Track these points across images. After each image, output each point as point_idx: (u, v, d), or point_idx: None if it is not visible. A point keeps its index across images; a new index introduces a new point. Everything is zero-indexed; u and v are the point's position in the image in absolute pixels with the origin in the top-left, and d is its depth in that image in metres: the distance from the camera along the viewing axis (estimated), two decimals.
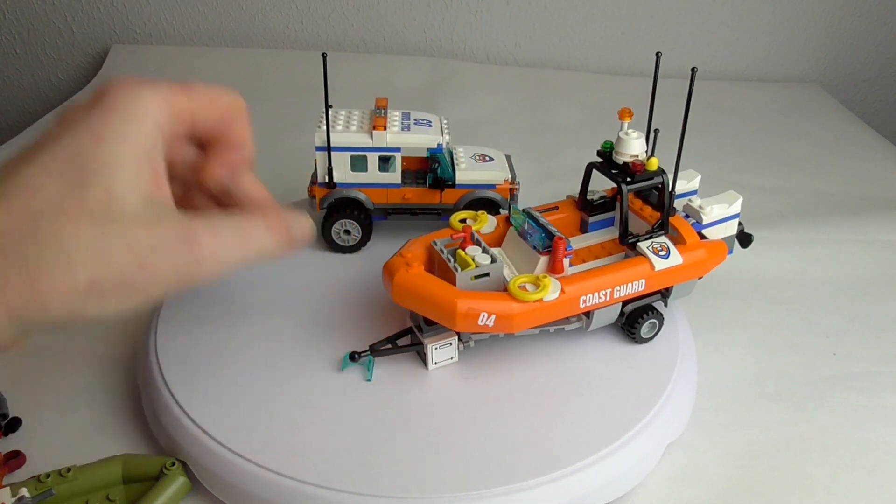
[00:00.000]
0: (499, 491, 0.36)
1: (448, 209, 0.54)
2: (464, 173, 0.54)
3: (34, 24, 1.09)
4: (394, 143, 0.52)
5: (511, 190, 0.55)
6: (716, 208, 0.47)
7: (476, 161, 0.55)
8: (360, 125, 0.53)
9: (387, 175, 0.53)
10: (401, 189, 0.54)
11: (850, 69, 1.12)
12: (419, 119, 0.55)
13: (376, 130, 0.51)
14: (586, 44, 1.08)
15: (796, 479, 0.41)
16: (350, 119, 0.53)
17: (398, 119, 0.54)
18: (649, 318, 0.45)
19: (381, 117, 0.53)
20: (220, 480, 0.38)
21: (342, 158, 0.52)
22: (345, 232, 0.54)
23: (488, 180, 0.54)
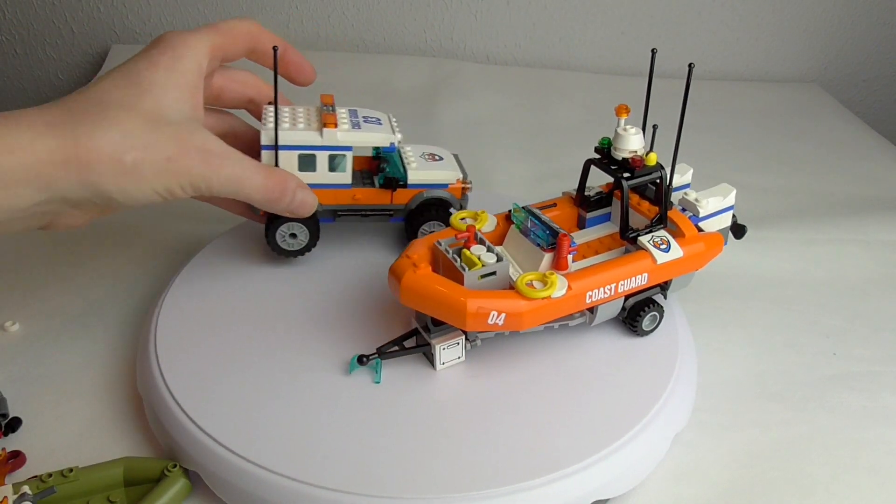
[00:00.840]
0: (504, 490, 0.36)
1: (399, 209, 0.53)
2: (416, 173, 0.52)
3: (34, 24, 1.09)
4: (345, 142, 0.49)
5: (463, 189, 0.53)
6: (711, 201, 0.47)
7: (426, 160, 0.53)
8: (307, 122, 0.50)
9: (336, 175, 0.50)
10: (350, 190, 0.51)
11: (850, 69, 1.12)
12: (368, 116, 0.52)
13: (326, 128, 0.48)
14: (586, 44, 1.08)
15: (796, 479, 0.41)
16: (296, 116, 0.50)
17: (346, 116, 0.51)
18: (650, 311, 0.46)
19: (330, 114, 0.50)
20: (222, 482, 0.38)
21: (289, 158, 0.48)
22: (291, 235, 0.51)
23: (441, 179, 0.52)
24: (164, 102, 0.40)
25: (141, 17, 1.08)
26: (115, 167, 0.37)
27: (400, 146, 0.54)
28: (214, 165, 0.41)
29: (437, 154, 0.55)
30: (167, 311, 0.48)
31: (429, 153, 0.55)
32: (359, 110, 0.53)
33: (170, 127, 0.39)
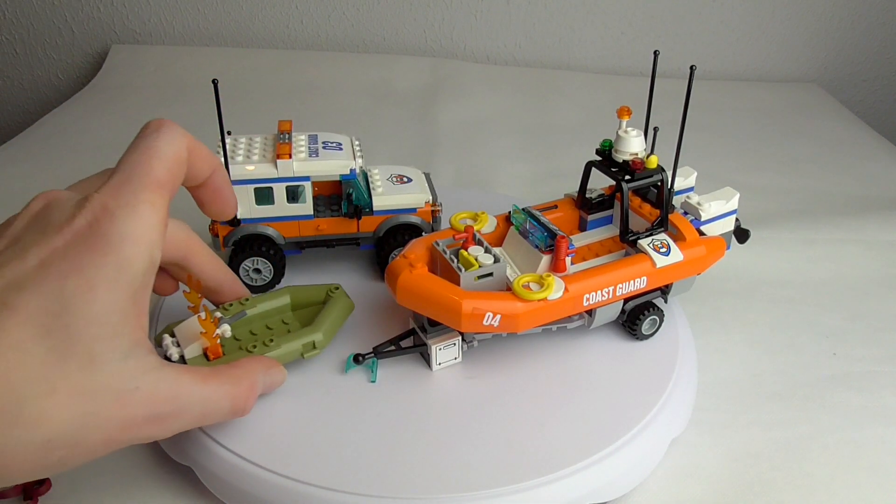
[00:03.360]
0: (501, 491, 0.36)
1: (367, 237, 0.51)
2: (381, 198, 0.50)
3: (34, 24, 1.09)
4: (301, 172, 0.47)
5: (433, 212, 0.51)
6: (714, 205, 0.47)
7: (394, 183, 0.51)
8: (262, 154, 0.47)
9: (297, 206, 0.48)
10: (314, 220, 0.49)
11: (850, 69, 1.12)
12: (328, 142, 0.50)
13: (280, 159, 0.46)
14: (586, 44, 1.08)
15: (796, 479, 0.41)
16: (251, 147, 0.48)
17: (305, 144, 0.49)
18: (650, 315, 0.45)
19: (285, 144, 0.48)
20: (222, 482, 0.38)
21: (245, 192, 0.46)
22: (255, 271, 0.49)
23: (408, 204, 0.50)
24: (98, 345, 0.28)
25: (141, 17, 1.08)
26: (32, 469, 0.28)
27: (366, 169, 0.52)
28: (167, 425, 0.31)
29: (406, 175, 0.53)
30: (167, 311, 0.48)
31: (397, 175, 0.52)
32: (319, 135, 0.51)
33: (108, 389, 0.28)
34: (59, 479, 0.39)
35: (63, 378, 0.27)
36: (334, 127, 0.55)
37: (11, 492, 0.38)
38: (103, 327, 0.28)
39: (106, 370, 0.28)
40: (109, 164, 0.33)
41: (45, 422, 0.26)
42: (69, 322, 0.27)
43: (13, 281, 0.27)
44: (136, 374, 0.29)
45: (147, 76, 1.01)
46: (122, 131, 0.86)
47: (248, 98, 0.91)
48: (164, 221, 0.31)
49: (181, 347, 0.40)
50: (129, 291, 0.29)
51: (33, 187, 0.73)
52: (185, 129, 0.34)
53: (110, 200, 0.29)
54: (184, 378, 0.31)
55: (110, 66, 1.04)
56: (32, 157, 0.79)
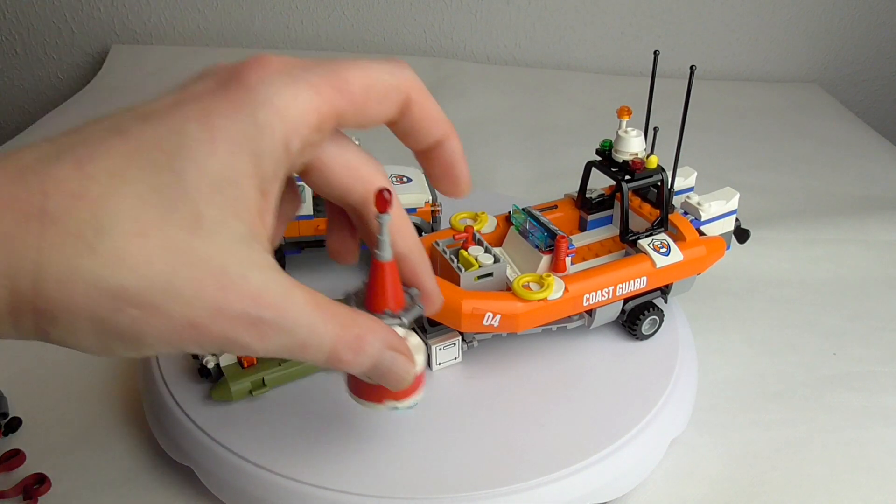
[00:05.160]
0: (501, 491, 0.36)
1: None
2: None
3: (34, 24, 1.09)
4: None
5: (433, 212, 0.50)
6: (714, 205, 0.47)
7: (394, 183, 0.51)
8: None
9: None
10: (314, 220, 0.48)
11: (850, 69, 1.12)
12: None
13: None
14: (586, 44, 1.08)
15: (796, 479, 0.41)
16: None
17: None
18: (650, 315, 0.45)
19: None
20: (222, 482, 0.38)
21: None
22: None
23: (408, 204, 0.50)
24: (210, 210, 0.23)
25: (141, 17, 1.08)
26: (94, 327, 0.22)
27: None
28: (263, 335, 0.25)
29: (406, 175, 0.52)
30: None
31: (397, 175, 0.52)
32: None
33: (209, 262, 0.23)
34: (59, 479, 0.39)
35: (159, 226, 0.22)
36: None
37: (12, 492, 0.38)
38: (218, 191, 0.23)
39: (212, 241, 0.23)
40: None
41: (125, 263, 0.21)
42: (181, 168, 0.23)
43: (141, 113, 0.24)
44: (248, 263, 0.24)
45: (147, 76, 1.01)
46: None
47: None
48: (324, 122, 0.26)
49: (217, 356, 0.40)
50: (254, 169, 0.24)
51: None
52: None
53: (273, 66, 0.25)
54: (297, 293, 0.26)
55: (110, 66, 1.04)
56: None
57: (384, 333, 0.29)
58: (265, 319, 0.24)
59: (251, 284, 0.24)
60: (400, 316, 0.30)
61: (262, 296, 0.24)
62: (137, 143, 0.23)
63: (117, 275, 0.21)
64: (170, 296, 0.22)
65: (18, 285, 0.21)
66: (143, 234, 0.22)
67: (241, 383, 0.40)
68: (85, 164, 0.22)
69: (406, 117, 0.28)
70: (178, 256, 0.22)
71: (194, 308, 0.23)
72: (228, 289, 0.23)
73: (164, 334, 0.23)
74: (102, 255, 0.21)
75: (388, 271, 0.30)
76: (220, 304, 0.23)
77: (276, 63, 0.25)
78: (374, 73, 0.27)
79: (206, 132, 0.23)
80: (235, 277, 0.23)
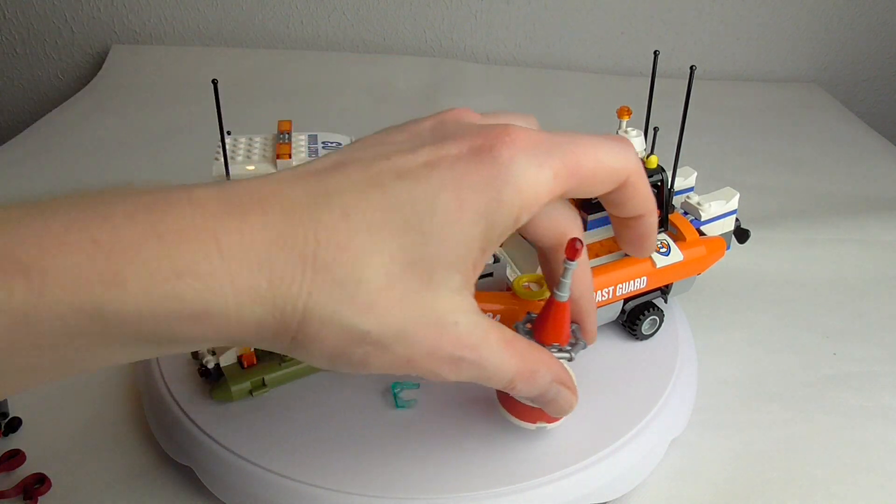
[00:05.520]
0: (501, 491, 0.36)
1: None
2: None
3: (34, 24, 1.09)
4: None
5: None
6: (714, 205, 0.47)
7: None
8: (262, 154, 0.47)
9: None
10: None
11: (850, 69, 1.12)
12: (328, 142, 0.49)
13: (280, 159, 0.46)
14: (586, 44, 1.08)
15: (796, 479, 0.41)
16: (251, 147, 0.48)
17: (304, 143, 0.49)
18: (650, 315, 0.45)
19: (284, 144, 0.47)
20: (222, 482, 0.38)
21: None
22: None
23: None
24: (440, 268, 0.27)
25: (141, 17, 1.08)
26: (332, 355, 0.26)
27: None
28: (459, 370, 0.29)
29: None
30: None
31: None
32: (319, 135, 0.50)
33: (432, 311, 0.27)
34: (59, 480, 0.39)
35: (401, 279, 0.26)
36: (334, 127, 0.55)
37: (12, 492, 0.38)
38: (452, 254, 0.27)
39: (437, 294, 0.27)
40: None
41: (373, 313, 0.25)
42: (427, 231, 0.26)
43: (397, 169, 0.26)
44: (460, 310, 0.28)
45: (147, 76, 1.01)
46: (122, 131, 0.87)
47: (248, 98, 0.91)
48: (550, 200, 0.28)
49: (216, 356, 0.40)
50: (485, 234, 0.27)
51: (33, 187, 0.73)
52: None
53: (521, 143, 0.27)
54: (492, 335, 0.29)
55: (110, 66, 1.04)
56: (32, 157, 0.79)
57: (556, 369, 0.33)
58: (465, 359, 0.28)
59: (460, 330, 0.27)
60: (568, 350, 0.34)
61: (466, 339, 0.28)
62: (394, 201, 0.26)
63: (365, 322, 0.25)
64: (399, 339, 0.26)
65: (287, 320, 0.24)
66: (389, 287, 0.25)
67: (242, 383, 0.40)
68: (351, 216, 0.25)
69: (618, 193, 0.31)
70: (411, 307, 0.26)
71: (414, 349, 0.27)
72: (442, 334, 0.27)
73: (384, 366, 0.27)
74: (357, 305, 0.25)
75: (562, 310, 0.33)
76: (434, 347, 0.27)
77: (524, 141, 0.27)
78: (603, 156, 0.29)
79: (455, 202, 0.26)
80: (449, 324, 0.27)
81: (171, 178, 0.29)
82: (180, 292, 0.22)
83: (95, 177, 0.74)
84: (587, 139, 0.29)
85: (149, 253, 0.22)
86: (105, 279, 0.22)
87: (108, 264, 0.22)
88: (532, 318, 0.36)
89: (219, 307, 0.23)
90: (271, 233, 0.24)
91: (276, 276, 0.24)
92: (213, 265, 0.23)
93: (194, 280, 0.23)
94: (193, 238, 0.23)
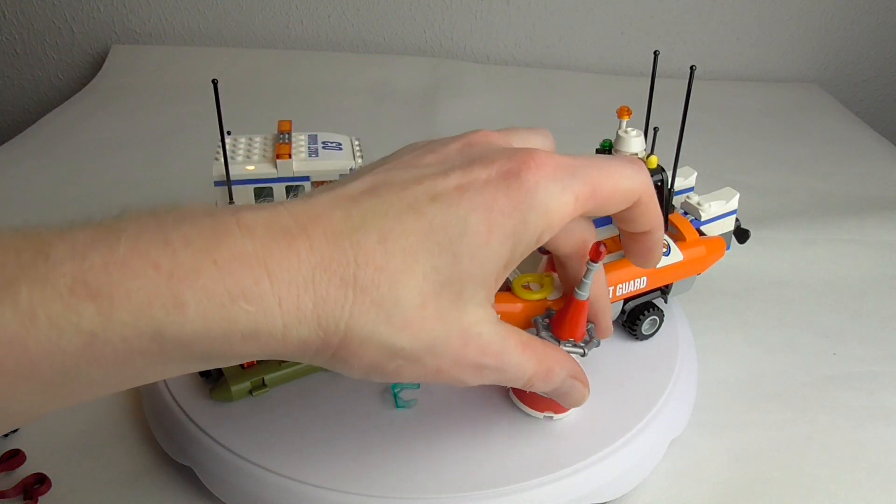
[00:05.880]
0: (501, 491, 0.36)
1: None
2: None
3: (34, 24, 1.10)
4: (301, 172, 0.46)
5: None
6: (714, 205, 0.47)
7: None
8: (262, 154, 0.47)
9: None
10: None
11: (850, 69, 1.12)
12: (328, 142, 0.50)
13: (280, 159, 0.46)
14: (586, 44, 1.08)
15: (796, 479, 0.41)
16: (251, 147, 0.48)
17: (304, 143, 0.49)
18: (650, 315, 0.45)
19: (285, 144, 0.48)
20: (222, 482, 0.38)
21: (245, 192, 0.46)
22: None
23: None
24: (469, 286, 0.29)
25: (141, 17, 1.08)
26: (368, 367, 0.28)
27: None
28: (482, 375, 0.31)
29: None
30: None
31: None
32: (319, 135, 0.50)
33: (460, 325, 0.29)
34: (59, 479, 0.39)
35: (434, 299, 0.28)
36: (334, 127, 0.55)
37: (12, 492, 0.38)
38: (480, 273, 0.29)
39: (465, 309, 0.29)
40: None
41: (408, 331, 0.27)
42: (459, 252, 0.28)
43: (430, 193, 0.28)
44: (484, 322, 0.30)
45: (147, 76, 1.01)
46: (122, 131, 0.87)
47: (248, 98, 0.91)
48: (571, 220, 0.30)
49: None
50: (511, 253, 0.29)
51: (33, 187, 0.73)
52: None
53: (546, 168, 0.29)
54: (511, 340, 0.31)
55: (110, 66, 1.04)
56: (32, 157, 0.79)
57: (569, 365, 0.35)
58: (488, 365, 0.30)
59: (483, 339, 0.30)
60: (583, 347, 0.37)
61: (490, 347, 0.30)
62: (428, 224, 0.27)
63: (401, 339, 0.27)
64: (429, 352, 0.28)
65: (329, 338, 0.26)
66: (423, 306, 0.27)
67: (242, 384, 0.40)
68: (388, 240, 0.27)
69: (630, 211, 0.33)
70: (442, 323, 0.28)
71: (443, 360, 0.29)
72: (468, 344, 0.29)
73: (415, 376, 0.29)
74: (394, 324, 0.27)
75: (581, 308, 0.36)
76: (460, 357, 0.29)
77: (548, 166, 0.29)
78: (620, 179, 0.31)
79: (485, 225, 0.28)
80: (474, 335, 0.29)
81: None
82: (234, 315, 0.24)
83: (95, 177, 0.74)
84: (605, 163, 0.31)
85: (206, 279, 0.24)
86: (166, 304, 0.23)
87: (168, 289, 0.23)
88: (552, 313, 0.38)
89: (268, 328, 0.25)
90: (315, 258, 0.26)
91: (319, 298, 0.26)
92: (263, 289, 0.24)
93: (247, 304, 0.24)
94: (245, 264, 0.24)
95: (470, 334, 0.29)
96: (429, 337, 0.28)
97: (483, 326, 0.30)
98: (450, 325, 0.28)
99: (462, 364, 0.29)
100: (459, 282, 0.28)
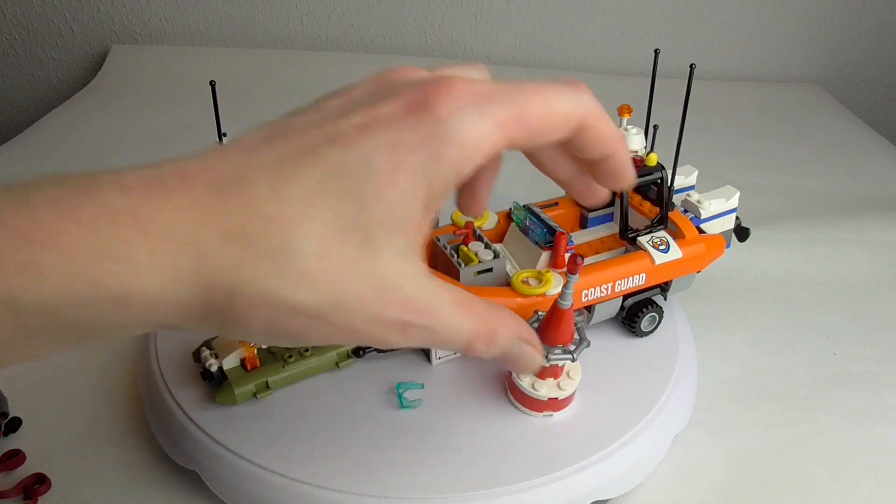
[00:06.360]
0: (501, 491, 0.36)
1: None
2: None
3: (34, 24, 1.10)
4: None
5: None
6: (714, 203, 0.47)
7: None
8: None
9: None
10: None
11: (850, 69, 1.12)
12: None
13: None
14: (586, 44, 1.08)
15: (796, 479, 0.41)
16: None
17: None
18: (649, 312, 0.45)
19: None
20: (222, 482, 0.38)
21: None
22: None
23: None
24: (380, 231, 0.25)
25: (141, 17, 1.08)
26: (267, 330, 0.25)
27: None
28: (408, 335, 0.27)
29: None
30: None
31: None
32: None
33: (373, 277, 0.25)
34: (59, 479, 0.39)
35: (337, 248, 0.24)
36: None
37: (12, 492, 0.38)
38: (391, 216, 0.25)
39: (378, 258, 0.25)
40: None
41: (306, 284, 0.24)
42: (363, 196, 0.24)
43: (328, 135, 0.25)
44: (403, 274, 0.26)
45: (147, 76, 1.01)
46: (122, 131, 0.87)
47: (247, 98, 0.91)
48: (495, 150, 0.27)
49: (219, 359, 0.40)
50: (426, 192, 0.25)
51: None
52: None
53: (461, 96, 0.26)
54: (444, 296, 0.28)
55: (110, 66, 1.04)
56: (32, 157, 0.79)
57: (516, 326, 0.31)
58: (413, 323, 0.27)
59: (405, 293, 0.26)
60: (571, 351, 0.37)
61: (413, 302, 0.26)
62: (327, 168, 0.24)
63: (298, 293, 0.24)
64: (338, 309, 0.25)
65: (215, 298, 0.23)
66: (324, 255, 0.24)
67: (245, 386, 0.40)
68: (280, 188, 0.24)
69: (576, 139, 0.29)
70: (350, 275, 0.25)
71: (356, 318, 0.25)
72: (386, 300, 0.26)
73: (326, 337, 0.26)
74: (289, 277, 0.24)
75: (566, 316, 0.36)
76: (377, 314, 0.26)
77: (465, 93, 0.26)
78: (554, 103, 0.27)
79: (391, 164, 0.24)
80: (393, 288, 0.26)
81: None
82: (99, 277, 0.21)
83: None
84: (534, 85, 0.27)
85: (67, 238, 0.21)
86: (21, 267, 0.20)
87: (25, 253, 0.20)
88: (540, 317, 0.38)
89: (140, 291, 0.22)
90: (196, 211, 0.23)
91: (201, 255, 0.23)
92: (133, 247, 0.22)
93: (113, 263, 0.21)
94: (113, 220, 0.22)
95: (387, 287, 0.26)
96: (333, 290, 0.24)
97: (404, 279, 0.26)
98: (361, 278, 0.25)
99: (380, 322, 0.26)
100: (367, 228, 0.25)
